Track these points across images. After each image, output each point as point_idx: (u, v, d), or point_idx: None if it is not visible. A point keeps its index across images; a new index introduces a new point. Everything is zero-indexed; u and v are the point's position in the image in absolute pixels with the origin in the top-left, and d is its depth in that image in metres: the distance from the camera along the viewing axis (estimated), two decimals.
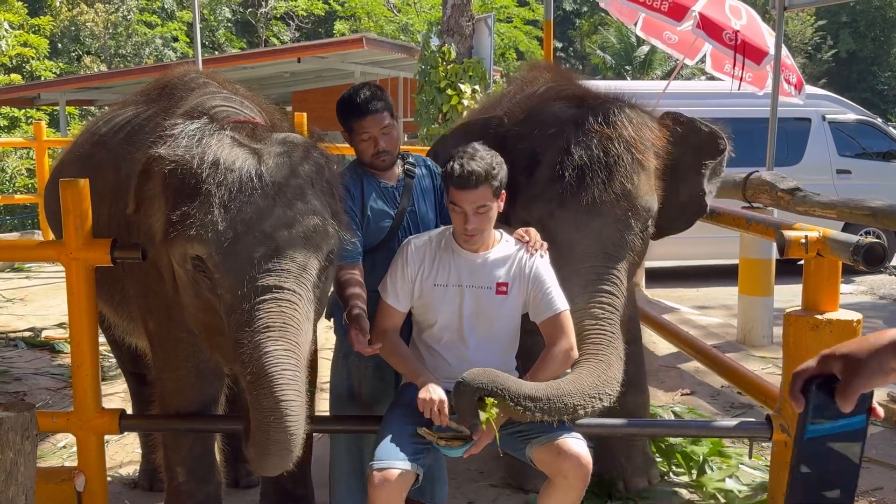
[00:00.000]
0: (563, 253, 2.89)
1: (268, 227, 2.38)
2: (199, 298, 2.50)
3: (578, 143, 2.91)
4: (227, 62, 14.00)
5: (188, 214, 2.37)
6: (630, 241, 2.91)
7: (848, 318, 2.80)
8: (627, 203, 2.88)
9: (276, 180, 2.44)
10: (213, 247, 2.35)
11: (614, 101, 3.08)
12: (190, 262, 2.43)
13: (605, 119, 2.94)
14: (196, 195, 2.39)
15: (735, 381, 3.60)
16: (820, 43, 32.60)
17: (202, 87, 3.01)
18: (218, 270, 2.37)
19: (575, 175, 2.87)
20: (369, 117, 2.99)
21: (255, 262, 2.34)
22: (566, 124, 2.97)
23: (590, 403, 2.57)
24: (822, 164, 9.01)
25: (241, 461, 3.80)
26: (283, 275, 2.35)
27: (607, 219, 2.88)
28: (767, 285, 5.86)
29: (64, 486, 2.93)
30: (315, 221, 2.46)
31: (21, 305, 7.50)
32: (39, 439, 4.29)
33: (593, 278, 2.84)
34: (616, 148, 2.89)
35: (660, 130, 3.08)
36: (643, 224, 2.94)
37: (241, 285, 2.33)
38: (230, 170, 2.40)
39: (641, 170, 2.93)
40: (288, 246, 2.38)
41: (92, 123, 3.69)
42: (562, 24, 35.40)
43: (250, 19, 30.33)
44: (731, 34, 6.45)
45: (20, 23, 21.34)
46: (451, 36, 10.30)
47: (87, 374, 2.92)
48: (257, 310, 2.31)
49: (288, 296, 2.35)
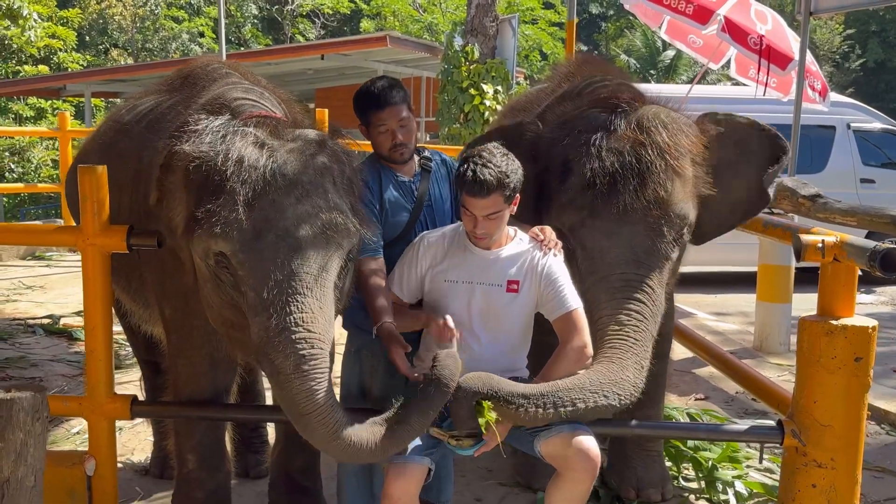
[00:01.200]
0: (593, 260, 2.85)
1: (291, 226, 2.40)
2: (220, 294, 2.52)
3: (611, 150, 2.86)
4: (251, 58, 14.06)
5: (212, 212, 2.40)
6: (662, 250, 2.84)
7: (863, 324, 2.77)
8: (660, 211, 2.83)
9: (299, 178, 2.46)
10: (237, 244, 2.38)
11: (649, 106, 3.02)
12: (213, 257, 2.46)
13: (638, 125, 2.90)
14: (220, 192, 2.41)
15: (748, 386, 3.58)
16: (848, 52, 32.29)
17: (224, 77, 3.03)
18: (242, 268, 2.39)
19: (606, 182, 2.83)
20: (387, 109, 2.99)
21: (278, 262, 2.36)
22: (598, 130, 2.92)
23: (591, 399, 2.53)
24: (845, 172, 8.93)
25: (251, 451, 3.83)
26: (306, 277, 2.38)
27: (639, 227, 2.83)
28: (786, 292, 5.82)
29: (74, 469, 2.95)
30: (338, 220, 2.48)
31: (41, 293, 7.57)
32: (54, 425, 4.39)
33: (622, 285, 2.79)
34: (649, 154, 2.84)
35: (697, 135, 3.01)
36: (677, 232, 2.88)
37: (265, 286, 2.35)
38: (254, 167, 2.42)
39: (676, 176, 2.87)
40: (311, 245, 2.41)
41: (115, 112, 3.72)
42: (587, 28, 35.31)
43: (276, 16, 30.49)
44: (756, 39, 6.39)
45: (49, 14, 21.56)
46: (475, 36, 10.30)
47: (100, 359, 2.94)
48: (286, 326, 2.33)
49: (312, 305, 2.37)
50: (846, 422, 2.80)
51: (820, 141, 8.96)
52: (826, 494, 2.83)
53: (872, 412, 4.63)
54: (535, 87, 4.34)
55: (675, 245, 2.89)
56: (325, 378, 2.35)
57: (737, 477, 3.59)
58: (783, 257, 5.72)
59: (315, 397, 2.32)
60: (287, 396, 2.35)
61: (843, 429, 2.80)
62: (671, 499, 3.54)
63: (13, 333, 6.13)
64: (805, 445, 2.83)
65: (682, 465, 3.79)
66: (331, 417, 2.34)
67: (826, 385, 2.79)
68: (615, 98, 3.08)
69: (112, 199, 2.91)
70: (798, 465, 2.87)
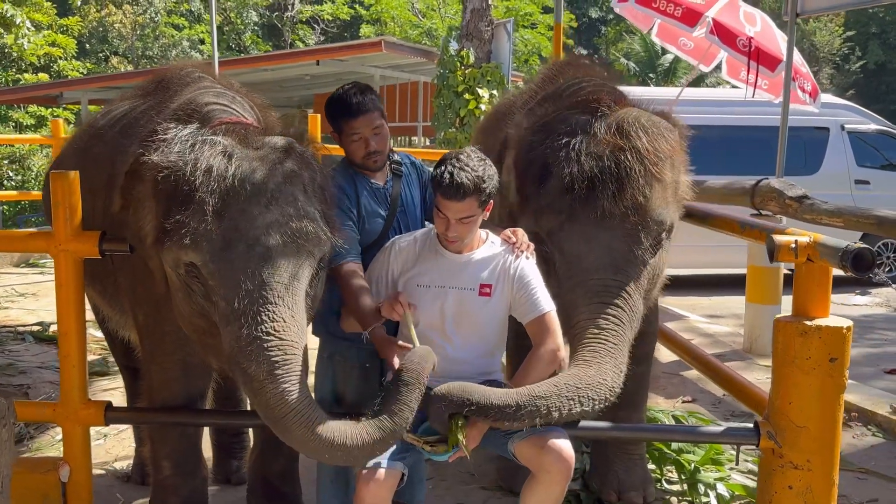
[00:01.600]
0: (571, 265, 2.84)
1: (261, 235, 2.40)
2: (192, 303, 2.52)
3: (590, 154, 2.84)
4: (246, 64, 14.12)
5: (182, 222, 2.40)
6: (640, 256, 2.83)
7: (837, 324, 2.75)
8: (638, 217, 2.81)
9: (269, 187, 2.46)
10: (207, 255, 2.38)
11: (629, 109, 3.00)
12: (183, 267, 2.46)
13: (618, 129, 2.87)
14: (189, 202, 2.41)
15: (729, 388, 3.56)
16: (848, 54, 32.27)
17: (196, 81, 3.02)
18: (212, 278, 2.40)
19: (585, 187, 2.81)
20: (360, 117, 2.96)
21: (249, 271, 2.36)
22: (577, 134, 2.90)
23: (566, 406, 2.51)
24: (840, 174, 8.91)
25: (232, 457, 3.82)
26: (278, 287, 2.37)
27: (617, 232, 2.81)
28: (775, 294, 5.79)
29: (49, 476, 2.93)
30: (309, 228, 2.49)
31: (33, 300, 7.58)
32: (39, 432, 4.39)
33: (600, 290, 2.77)
34: (628, 159, 2.81)
35: (677, 139, 2.99)
36: (654, 238, 2.86)
37: (236, 296, 2.35)
38: (223, 177, 2.42)
39: (655, 182, 2.85)
40: (281, 254, 2.41)
41: (91, 117, 3.73)
42: (587, 32, 35.35)
43: (276, 23, 30.57)
44: (745, 41, 6.39)
45: (49, 23, 21.63)
46: (470, 40, 10.31)
47: (74, 364, 2.93)
48: (258, 334, 2.32)
49: (283, 313, 2.36)
50: (821, 423, 2.78)
51: (814, 143, 8.94)
52: (803, 496, 2.81)
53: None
54: (520, 90, 4.32)
55: (653, 251, 2.87)
56: (299, 381, 2.34)
57: (719, 479, 3.57)
58: None
59: (289, 400, 2.31)
60: (262, 401, 2.35)
61: (818, 430, 2.78)
62: (653, 502, 3.52)
63: (3, 341, 6.14)
64: (781, 447, 2.81)
65: (666, 468, 3.78)
66: (307, 418, 2.32)
67: (801, 386, 2.77)
68: (595, 100, 3.06)
69: (86, 203, 2.91)
70: (775, 467, 2.85)
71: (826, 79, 30.70)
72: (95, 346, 5.77)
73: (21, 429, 4.36)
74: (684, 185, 3.07)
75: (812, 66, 28.01)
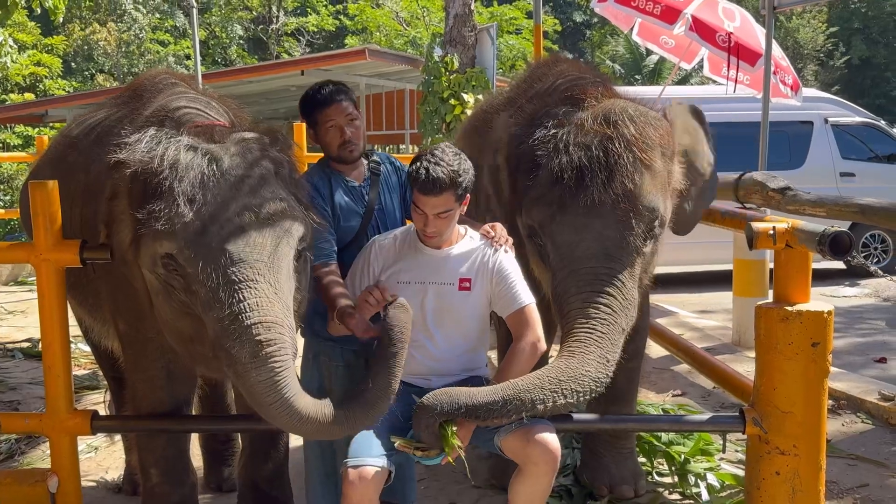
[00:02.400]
0: (563, 255, 2.83)
1: (234, 217, 2.39)
2: (173, 304, 2.50)
3: (578, 144, 2.84)
4: (230, 76, 14.10)
5: (154, 212, 2.39)
6: (632, 243, 2.81)
7: (818, 309, 2.76)
8: (629, 204, 2.79)
9: (238, 172, 2.47)
10: (182, 241, 2.37)
11: (617, 101, 3.00)
12: (160, 263, 2.43)
13: (605, 118, 2.87)
14: (159, 194, 2.41)
15: (717, 379, 3.56)
16: (832, 49, 32.40)
17: (169, 87, 3.03)
18: (190, 265, 2.37)
19: (574, 177, 2.81)
20: (333, 105, 3.01)
21: (226, 252, 2.34)
22: (565, 125, 2.91)
23: (550, 398, 2.50)
24: (825, 167, 8.96)
25: (223, 464, 3.81)
26: (256, 264, 2.36)
27: (608, 220, 2.79)
28: (761, 286, 5.82)
29: (37, 487, 2.91)
30: (281, 206, 2.48)
31: (22, 317, 7.58)
32: (30, 447, 4.38)
33: (591, 278, 2.76)
34: (616, 147, 2.80)
35: (666, 128, 3.00)
36: (647, 225, 2.84)
37: (216, 277, 2.32)
38: (191, 167, 2.42)
39: (645, 169, 2.84)
40: (257, 233, 2.39)
41: (65, 128, 3.73)
42: (572, 36, 35.46)
43: (262, 36, 30.58)
44: (724, 36, 6.42)
45: (34, 42, 21.61)
46: (454, 46, 10.33)
47: (58, 375, 2.91)
48: (240, 312, 2.30)
49: (265, 290, 2.34)
50: (806, 408, 2.79)
51: (797, 137, 8.99)
52: (790, 482, 2.82)
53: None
54: (505, 89, 4.33)
55: (645, 238, 2.85)
56: (286, 364, 2.30)
57: (708, 469, 3.58)
58: (757, 251, 5.71)
59: (276, 385, 2.27)
60: (247, 386, 2.31)
61: (803, 415, 2.79)
62: (644, 494, 3.53)
63: None
64: (767, 433, 2.82)
65: (656, 461, 3.79)
66: (296, 402, 2.29)
67: (785, 371, 2.78)
68: (583, 93, 3.07)
69: (64, 213, 2.90)
70: (761, 453, 2.86)
71: (811, 75, 30.84)
72: (84, 360, 5.76)
73: (12, 444, 4.35)
74: (678, 175, 3.07)
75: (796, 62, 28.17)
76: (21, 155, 14.37)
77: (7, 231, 17.49)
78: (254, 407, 2.37)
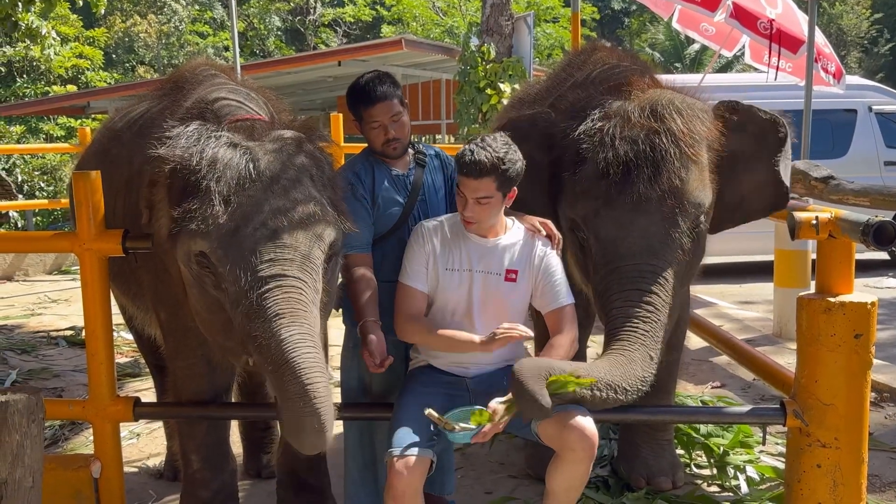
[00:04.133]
0: (607, 251, 2.82)
1: (267, 218, 2.41)
2: (206, 298, 2.54)
3: (624, 139, 2.81)
4: (267, 67, 14.16)
5: (189, 210, 2.42)
6: (677, 239, 2.79)
7: (862, 300, 2.72)
8: (675, 200, 2.77)
9: (276, 174, 2.48)
10: (214, 241, 2.40)
11: (663, 92, 2.96)
12: (194, 259, 2.47)
13: (652, 112, 2.84)
14: (196, 192, 2.44)
15: (758, 371, 3.51)
16: (876, 36, 31.78)
17: (209, 79, 3.06)
18: (221, 263, 2.40)
19: (620, 172, 2.79)
20: (378, 105, 2.99)
21: (256, 252, 2.37)
22: (611, 118, 2.87)
23: (599, 394, 2.51)
24: (868, 156, 8.80)
25: (262, 452, 3.85)
26: (286, 263, 2.38)
27: (654, 216, 2.77)
28: (803, 277, 5.73)
29: (80, 472, 2.98)
30: (314, 209, 2.49)
31: (65, 306, 7.70)
32: (73, 433, 4.45)
33: (635, 276, 2.75)
34: (663, 142, 2.78)
35: (713, 122, 2.95)
36: (693, 221, 2.82)
37: (245, 276, 2.36)
38: (229, 166, 2.44)
39: (692, 164, 2.82)
40: (288, 234, 2.42)
41: (108, 120, 3.78)
42: (610, 24, 35.14)
43: (299, 27, 30.70)
44: (766, 23, 6.32)
45: (76, 35, 21.90)
46: (491, 35, 10.28)
47: (101, 362, 2.98)
48: (265, 299, 2.34)
49: (292, 282, 2.37)
50: (848, 400, 2.76)
51: (841, 125, 8.83)
52: (831, 475, 2.79)
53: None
54: (543, 78, 4.29)
55: (690, 234, 2.82)
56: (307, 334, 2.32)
57: (748, 462, 3.55)
58: (799, 242, 5.63)
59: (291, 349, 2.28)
60: (265, 356, 2.32)
61: (845, 407, 2.76)
62: (682, 486, 3.50)
63: (36, 346, 6.24)
64: (808, 426, 2.79)
65: (695, 453, 3.76)
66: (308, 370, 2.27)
67: (826, 363, 2.75)
68: (628, 84, 3.04)
69: (107, 204, 2.95)
70: (802, 446, 2.83)
71: (854, 62, 30.29)
72: (127, 348, 5.85)
73: (56, 431, 4.43)
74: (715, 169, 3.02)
75: (840, 50, 27.68)
76: (64, 146, 14.57)
77: (51, 221, 17.80)
78: (280, 400, 2.36)
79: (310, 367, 2.28)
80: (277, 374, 2.30)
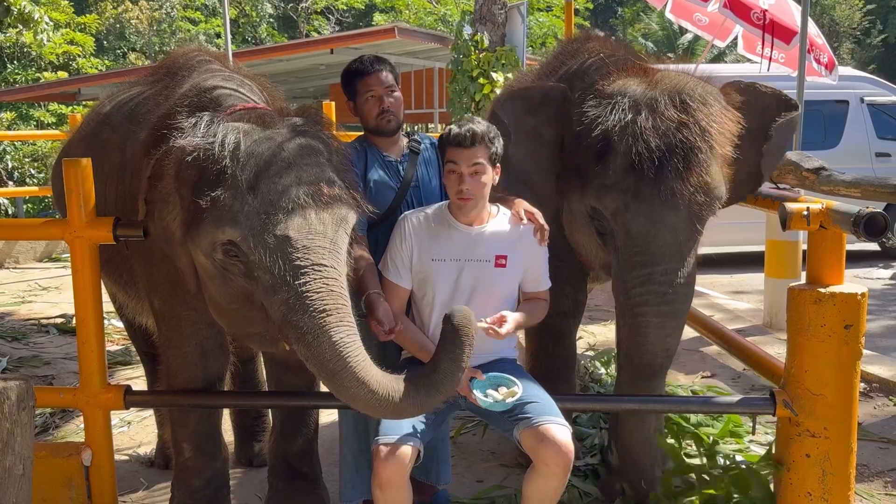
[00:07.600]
0: (637, 248, 2.81)
1: (297, 206, 2.40)
2: (228, 288, 2.52)
3: (656, 131, 2.77)
4: (259, 55, 14.08)
5: (216, 201, 2.40)
6: (699, 232, 2.83)
7: (852, 291, 2.73)
8: (704, 195, 2.78)
9: (297, 160, 2.47)
10: (246, 230, 2.38)
11: (688, 82, 2.90)
12: (220, 249, 2.45)
13: (682, 104, 2.81)
14: (220, 181, 2.41)
15: (748, 361, 3.52)
16: (869, 28, 31.80)
17: (203, 65, 3.04)
18: (253, 252, 2.38)
19: (653, 166, 2.76)
20: (373, 74, 3.06)
21: (290, 240, 2.37)
22: (641, 108, 2.82)
23: None
24: (860, 147, 8.83)
25: (253, 440, 3.86)
26: (320, 251, 2.39)
27: (683, 213, 2.77)
28: (794, 267, 5.76)
29: (71, 460, 2.98)
30: (342, 194, 2.50)
31: (56, 294, 7.68)
32: (64, 421, 4.45)
33: (667, 286, 2.78)
34: (693, 137, 2.76)
35: (732, 111, 2.94)
36: (713, 212, 2.86)
37: (281, 263, 2.35)
38: (251, 154, 2.43)
39: (716, 159, 2.83)
40: (319, 222, 2.42)
41: (97, 105, 3.75)
42: (604, 13, 35.07)
43: (292, 14, 30.57)
44: (759, 14, 6.30)
45: (66, 21, 21.76)
46: (484, 24, 10.24)
47: (93, 350, 2.97)
48: (306, 290, 2.34)
49: (329, 272, 2.38)
50: (838, 390, 2.77)
51: (833, 116, 8.85)
52: (821, 464, 2.81)
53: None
54: (535, 67, 4.28)
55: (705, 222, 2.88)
56: (354, 333, 2.34)
57: (737, 451, 3.56)
58: (790, 232, 5.65)
59: (345, 354, 2.30)
60: (315, 356, 2.33)
61: (835, 397, 2.77)
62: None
63: (27, 334, 6.23)
64: (797, 415, 2.81)
65: (685, 442, 3.76)
66: (364, 374, 2.31)
67: (816, 353, 2.77)
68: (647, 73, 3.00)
69: (97, 190, 2.93)
70: (792, 436, 2.85)
71: (847, 54, 30.30)
72: (118, 335, 5.84)
73: (46, 418, 4.42)
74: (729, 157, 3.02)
75: (832, 41, 27.67)
76: (55, 133, 14.50)
77: (41, 208, 17.73)
78: (322, 380, 2.40)
79: (366, 370, 2.31)
80: (334, 380, 2.33)
